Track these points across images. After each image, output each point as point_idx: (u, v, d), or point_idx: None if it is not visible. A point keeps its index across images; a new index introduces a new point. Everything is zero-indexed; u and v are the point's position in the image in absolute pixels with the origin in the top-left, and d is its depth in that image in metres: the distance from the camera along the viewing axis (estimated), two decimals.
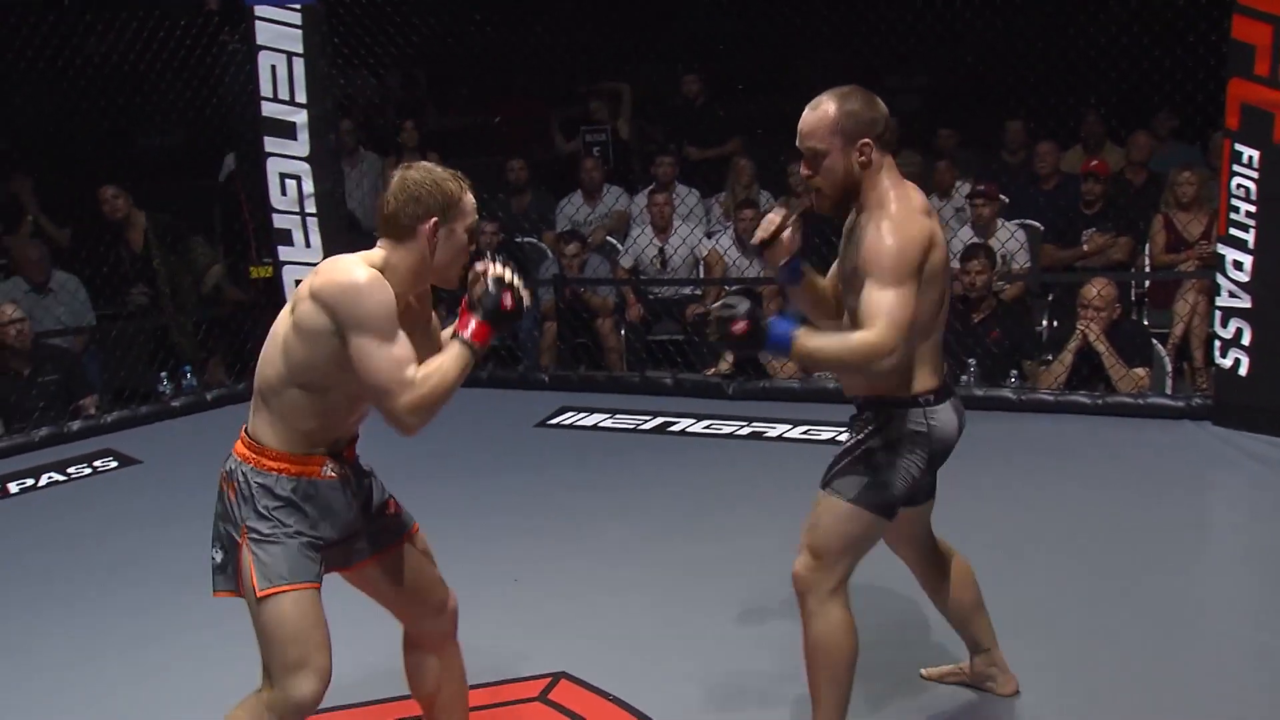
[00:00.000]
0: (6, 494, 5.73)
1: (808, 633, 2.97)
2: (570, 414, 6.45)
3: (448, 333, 2.82)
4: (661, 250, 7.52)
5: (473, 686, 3.59)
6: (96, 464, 6.08)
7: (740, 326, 2.74)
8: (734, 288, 2.91)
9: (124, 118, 7.38)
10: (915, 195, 2.92)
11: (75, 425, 6.48)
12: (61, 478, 5.91)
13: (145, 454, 6.18)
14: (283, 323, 2.73)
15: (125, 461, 6.11)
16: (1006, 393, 6.19)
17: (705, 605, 4.14)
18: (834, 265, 3.14)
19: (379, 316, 2.59)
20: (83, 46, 6.79)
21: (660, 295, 7.59)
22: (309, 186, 6.80)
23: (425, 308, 2.89)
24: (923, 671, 3.54)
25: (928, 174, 7.79)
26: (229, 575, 2.78)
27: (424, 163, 2.82)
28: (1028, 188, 7.53)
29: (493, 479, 5.51)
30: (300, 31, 6.66)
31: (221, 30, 6.86)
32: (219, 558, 2.81)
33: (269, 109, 6.74)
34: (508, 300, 2.71)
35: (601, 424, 6.29)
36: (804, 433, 5.92)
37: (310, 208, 6.83)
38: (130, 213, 7.20)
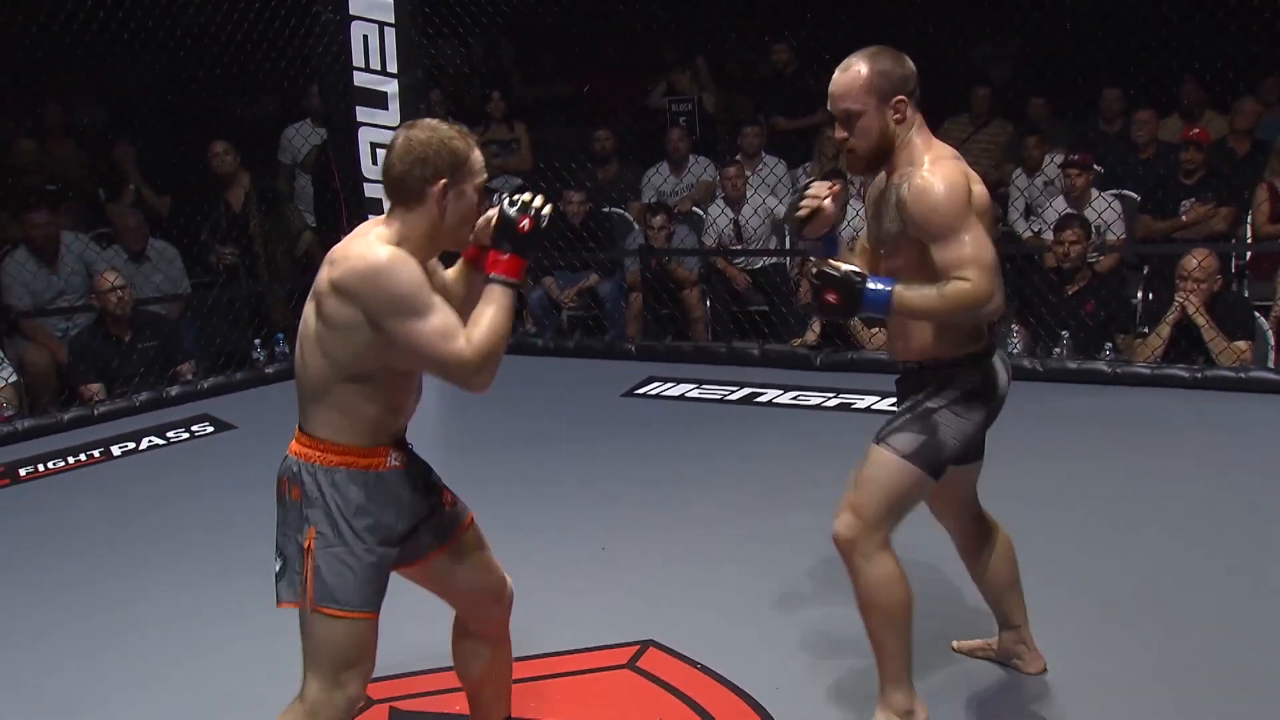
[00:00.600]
0: (110, 456, 5.82)
1: (860, 589, 2.95)
2: (657, 384, 6.41)
3: (452, 272, 2.76)
4: (735, 222, 7.44)
5: (561, 653, 3.61)
6: (194, 428, 6.16)
7: (832, 295, 2.74)
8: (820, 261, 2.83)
9: (221, 87, 7.44)
10: (944, 146, 2.88)
11: (173, 390, 6.57)
12: (161, 441, 5.99)
13: (240, 419, 6.24)
14: (310, 319, 2.57)
15: (221, 426, 6.18)
16: (1101, 365, 6.05)
17: (792, 575, 4.09)
18: (861, 234, 3.09)
19: (409, 294, 2.45)
20: (182, 17, 6.84)
21: (746, 267, 7.51)
22: None
23: (437, 269, 2.77)
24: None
25: (1017, 148, 7.63)
26: (291, 585, 2.61)
27: (429, 120, 2.66)
28: (1125, 157, 7.34)
29: (580, 447, 5.49)
30: (392, 1, 6.66)
31: (315, 1, 6.86)
32: (279, 566, 2.65)
33: (361, 79, 6.75)
34: (525, 222, 2.58)
35: (688, 394, 6.24)
36: (893, 404, 5.80)
37: None
38: (237, 171, 7.28)
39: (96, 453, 5.86)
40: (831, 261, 2.80)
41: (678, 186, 8.02)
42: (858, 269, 2.77)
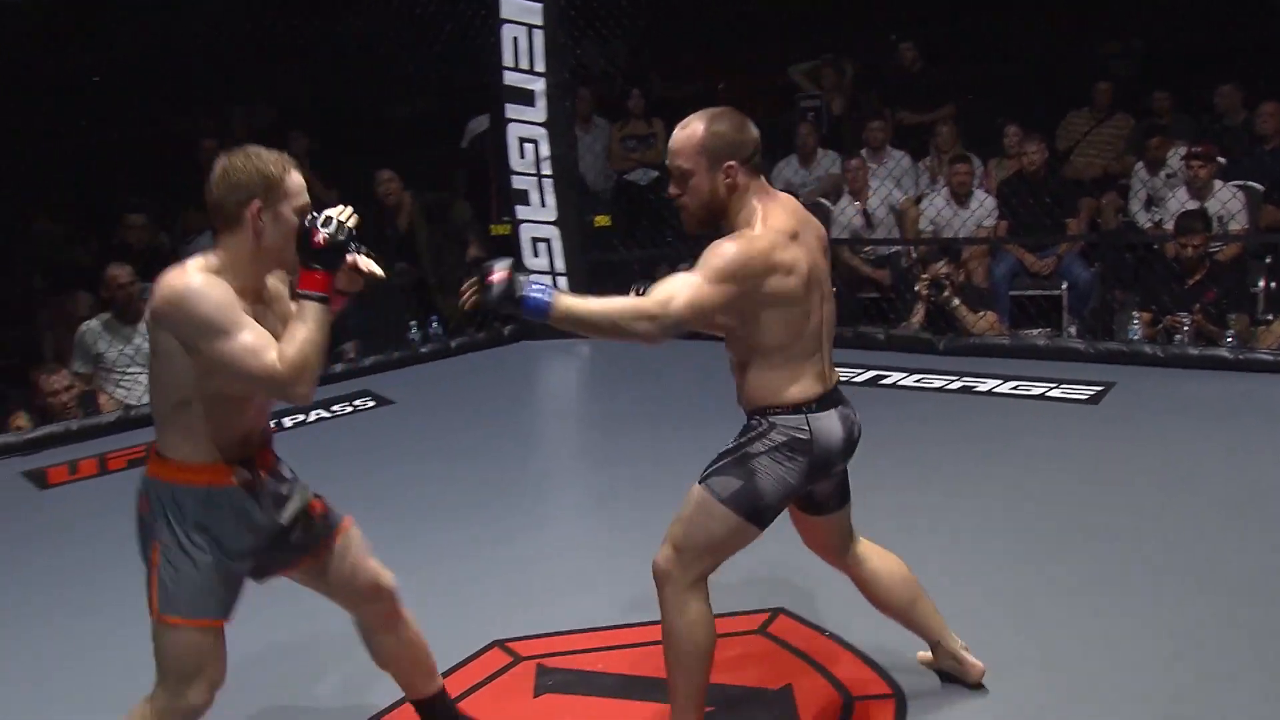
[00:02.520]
0: (281, 428, 5.99)
1: (664, 624, 2.81)
2: None
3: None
4: (863, 212, 7.38)
5: None
6: (356, 403, 6.32)
7: (498, 276, 2.61)
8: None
9: (379, 88, 7.59)
10: (780, 217, 2.70)
11: (338, 368, 6.74)
12: (327, 414, 6.16)
13: (398, 395, 6.38)
14: (149, 346, 2.58)
15: (381, 401, 6.32)
16: (1223, 352, 5.88)
17: (917, 551, 4.03)
18: None
19: (215, 315, 2.42)
20: (341, 20, 7.00)
21: (869, 255, 7.44)
22: (545, 150, 6.89)
23: (282, 295, 2.68)
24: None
25: (1139, 141, 7.43)
26: (147, 594, 2.56)
27: (249, 146, 2.60)
28: (1250, 149, 7.10)
29: (713, 427, 5.46)
30: (540, 5, 6.73)
31: (468, 5, 6.95)
32: (145, 575, 2.59)
33: (510, 78, 6.84)
34: (319, 236, 2.51)
35: None
36: (1014, 388, 5.74)
37: (546, 170, 6.92)
38: (401, 197, 7.42)
39: (271, 424, 6.02)
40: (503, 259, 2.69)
41: (807, 179, 7.98)
42: (517, 275, 2.62)
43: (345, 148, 7.75)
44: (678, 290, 2.60)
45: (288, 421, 6.04)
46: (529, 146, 6.88)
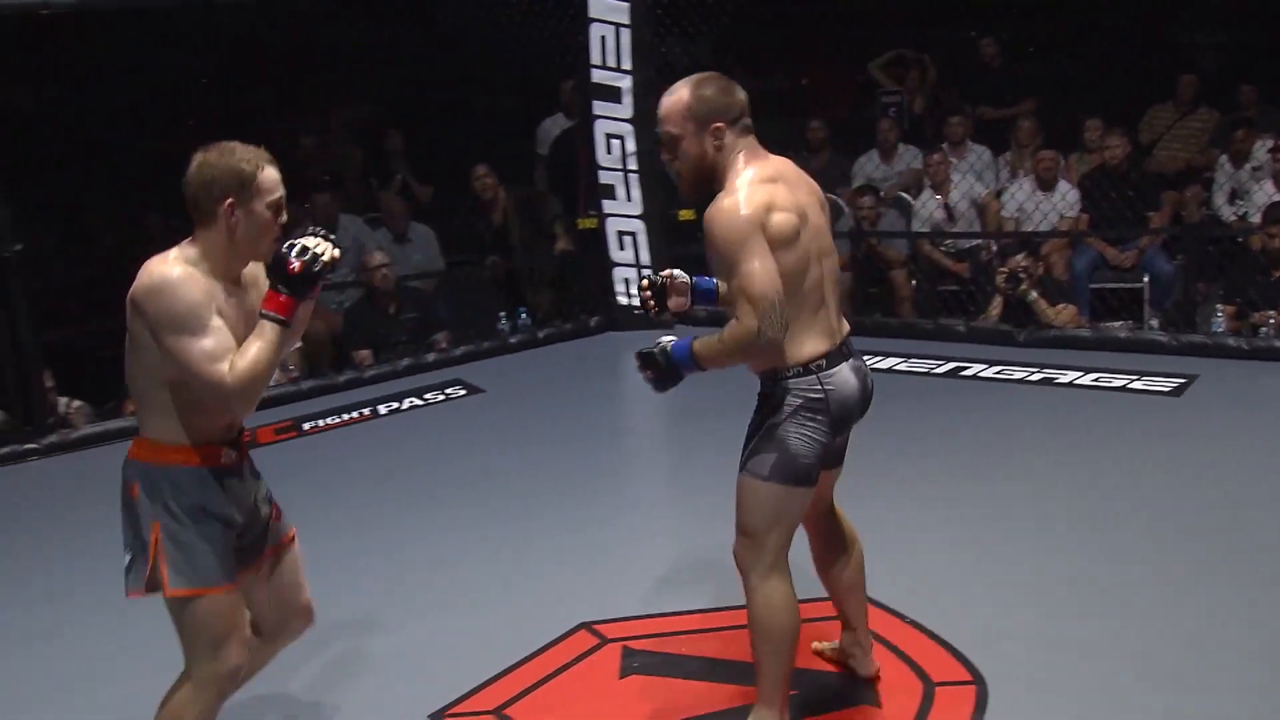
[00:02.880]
0: (376, 414, 6.09)
1: (750, 608, 2.81)
2: (866, 357, 6.27)
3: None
4: (945, 205, 7.30)
5: None
6: (448, 391, 6.38)
7: (649, 373, 2.77)
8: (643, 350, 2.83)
9: (472, 83, 7.65)
10: (763, 167, 2.70)
11: (430, 357, 6.81)
12: (420, 402, 6.23)
13: (488, 384, 6.44)
14: (128, 330, 2.58)
15: (472, 390, 6.38)
16: None
17: (996, 538, 4.02)
18: None
19: (185, 314, 2.44)
20: (436, 18, 7.05)
21: (950, 249, 7.36)
22: (631, 145, 6.91)
23: (258, 283, 2.66)
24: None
25: (1225, 139, 7.26)
26: (138, 576, 2.58)
27: (225, 143, 2.61)
28: None
29: None
30: (628, 4, 6.74)
31: (557, 4, 6.98)
32: (128, 559, 2.61)
33: (597, 75, 6.86)
34: (294, 264, 2.49)
35: (896, 367, 6.16)
36: (1095, 380, 5.65)
37: (632, 165, 6.94)
38: (496, 192, 7.48)
39: (366, 411, 6.13)
40: (659, 341, 2.78)
41: (888, 174, 7.91)
42: (665, 341, 2.76)
43: (438, 144, 7.83)
44: (739, 293, 2.59)
45: (382, 409, 6.12)
46: (615, 142, 6.90)
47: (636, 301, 2.97)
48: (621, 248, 7.06)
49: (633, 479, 5.11)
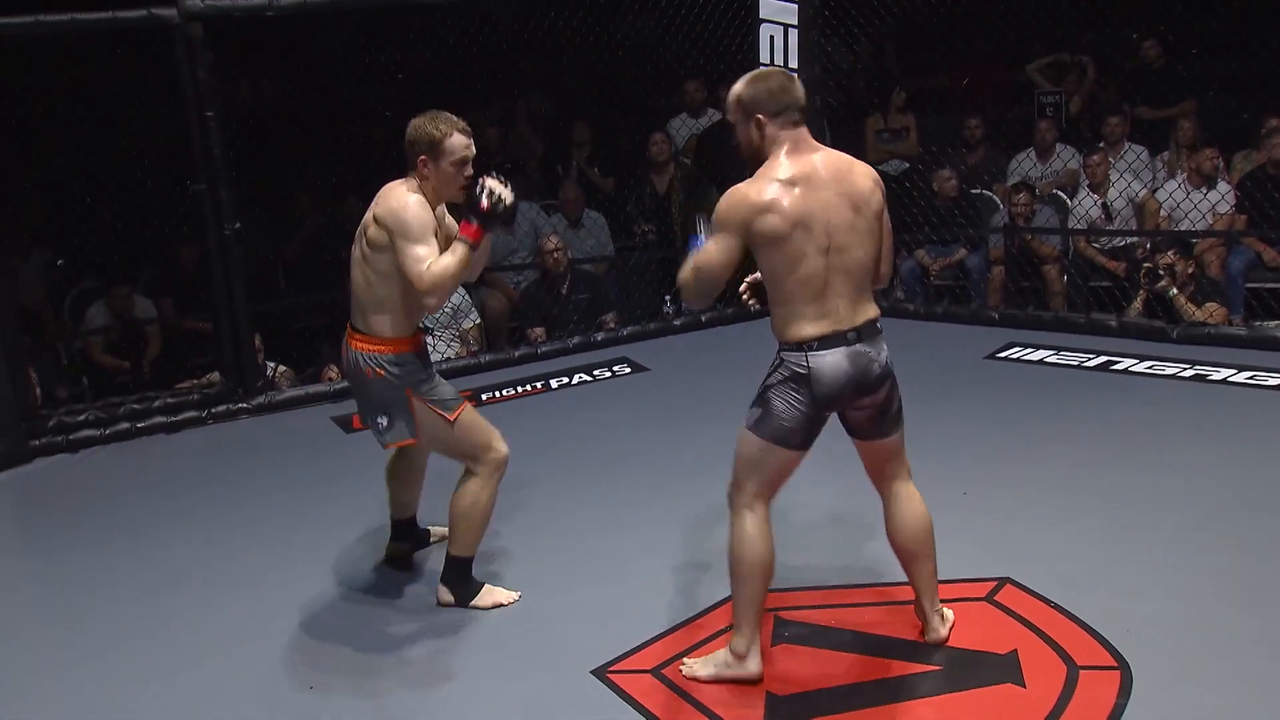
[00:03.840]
0: (549, 388, 6.17)
1: (728, 540, 3.07)
2: (1018, 349, 6.15)
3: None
4: (1102, 205, 7.02)
5: None
6: (615, 369, 6.42)
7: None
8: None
9: (647, 81, 7.67)
10: (786, 166, 2.88)
11: (599, 336, 6.87)
12: (589, 378, 6.28)
13: (653, 363, 6.46)
14: (358, 248, 3.44)
15: (637, 368, 6.42)
16: None
17: (1143, 529, 3.87)
18: None
19: (415, 226, 3.27)
20: (616, 18, 7.07)
21: (1104, 246, 7.09)
22: None
23: (446, 218, 3.56)
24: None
25: None
26: (401, 429, 3.49)
27: (433, 111, 3.40)
28: None
29: (946, 403, 5.35)
30: (796, 6, 6.66)
31: (730, 3, 6.92)
32: (384, 422, 3.49)
33: None
34: (484, 201, 3.25)
35: (1047, 359, 5.96)
36: (1249, 378, 5.37)
37: None
38: (668, 160, 7.51)
39: (539, 384, 6.22)
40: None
41: (1044, 173, 7.65)
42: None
43: (620, 136, 7.87)
44: (696, 256, 2.96)
45: (554, 384, 6.21)
46: None
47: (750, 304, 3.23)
48: None
49: None
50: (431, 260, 3.24)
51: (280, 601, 3.83)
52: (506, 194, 3.27)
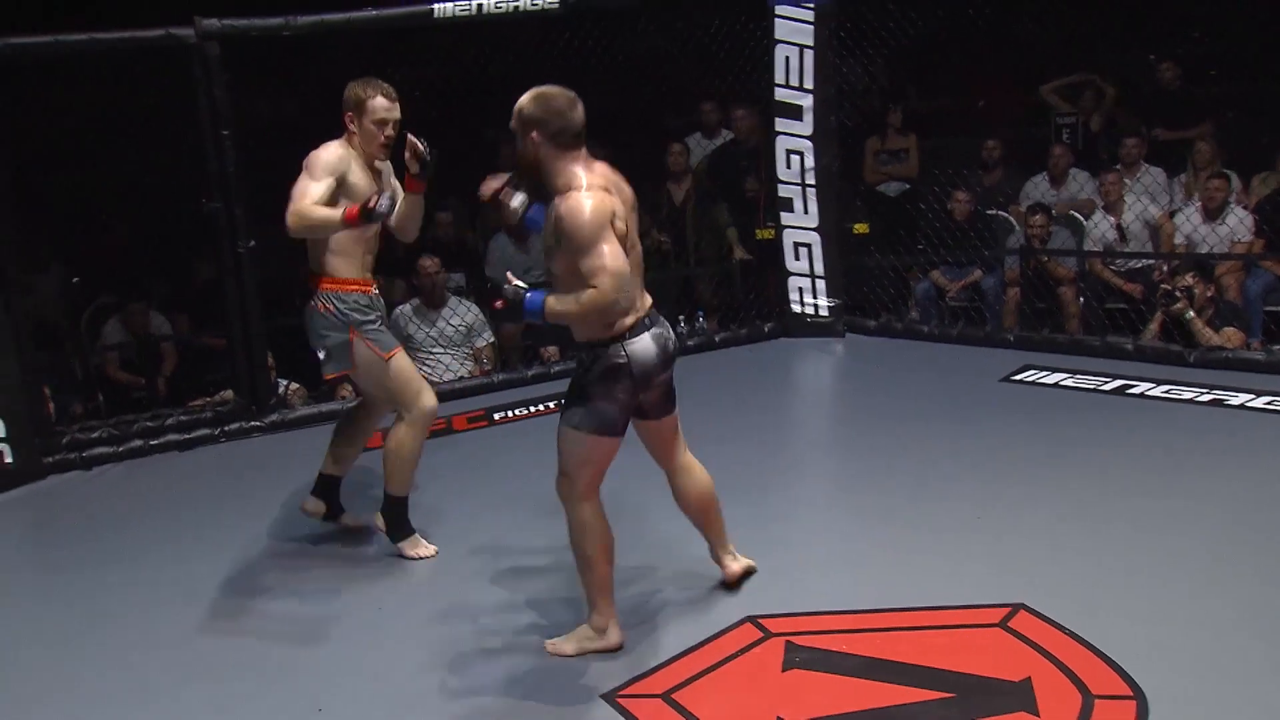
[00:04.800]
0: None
1: (568, 531, 3.35)
2: (1033, 371, 6.11)
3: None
4: (1117, 226, 6.99)
5: (936, 607, 3.53)
6: None
7: (499, 303, 3.15)
8: (503, 282, 3.23)
9: (662, 99, 7.68)
10: (595, 177, 3.15)
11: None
12: None
13: None
14: None
15: None
16: None
17: (1162, 556, 3.83)
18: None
19: (312, 167, 3.79)
20: (633, 38, 7.08)
21: (1120, 268, 7.06)
22: (810, 161, 6.81)
23: (385, 172, 4.04)
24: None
25: None
26: (339, 360, 3.98)
27: (367, 77, 3.93)
28: None
29: (960, 425, 5.32)
30: (812, 27, 6.66)
31: (746, 25, 6.92)
32: (323, 354, 3.99)
33: (780, 93, 6.79)
34: (369, 203, 3.62)
35: (1062, 382, 5.91)
36: (1268, 403, 5.31)
37: (810, 180, 6.84)
38: (686, 170, 7.50)
39: (552, 404, 6.19)
40: (509, 277, 3.20)
41: (1056, 199, 7.61)
42: (523, 285, 3.15)
43: (632, 154, 7.85)
44: (595, 265, 3.03)
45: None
46: (795, 157, 6.81)
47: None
48: (797, 258, 6.97)
49: (802, 479, 5.03)
50: (307, 200, 3.70)
51: (291, 621, 3.82)
52: (384, 202, 3.62)
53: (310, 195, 3.73)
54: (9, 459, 5.32)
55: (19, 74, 5.45)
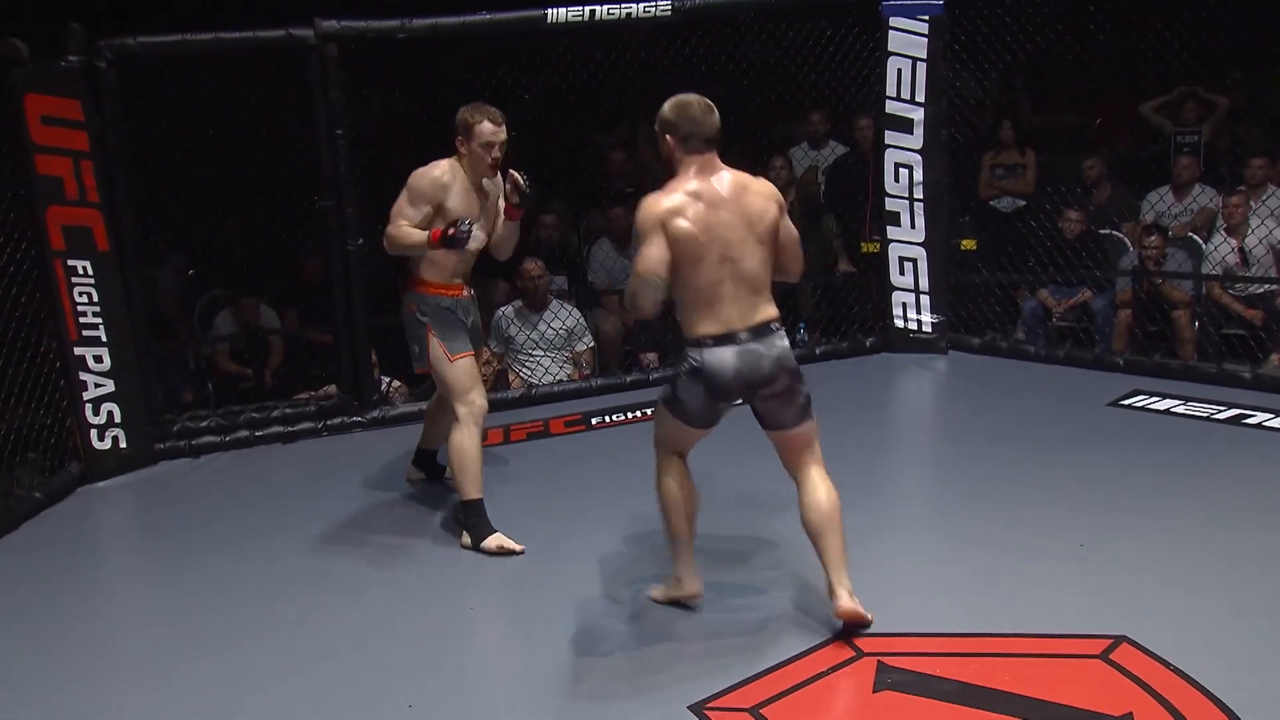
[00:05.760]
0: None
1: (655, 483, 3.66)
2: (1142, 397, 5.96)
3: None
4: (1240, 249, 6.78)
5: (1037, 635, 3.48)
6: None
7: None
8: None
9: (775, 109, 7.66)
10: (693, 183, 3.34)
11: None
12: None
13: None
14: None
15: None
16: None
17: (1268, 595, 3.71)
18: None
19: (409, 190, 4.22)
20: (742, 45, 7.08)
21: (1240, 293, 6.85)
22: (919, 175, 6.75)
23: (492, 191, 4.38)
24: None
25: None
26: (422, 357, 4.35)
27: (477, 102, 4.28)
28: None
29: (1066, 451, 5.21)
30: (925, 40, 6.59)
31: (859, 35, 6.88)
32: (416, 349, 4.38)
33: (891, 106, 6.73)
34: (449, 230, 4.06)
35: (1174, 409, 5.75)
36: None
37: (919, 194, 6.78)
38: (789, 182, 7.43)
39: (649, 410, 6.20)
40: None
41: (1179, 212, 7.43)
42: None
43: (738, 163, 7.84)
44: (634, 263, 3.37)
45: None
46: (904, 171, 6.75)
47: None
48: (902, 273, 6.90)
49: (899, 498, 4.99)
50: (402, 222, 4.16)
51: (384, 615, 3.91)
52: (476, 239, 4.22)
53: (405, 217, 4.18)
54: (124, 444, 5.54)
55: (147, 72, 5.64)
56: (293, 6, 5.84)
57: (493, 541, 4.28)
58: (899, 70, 6.66)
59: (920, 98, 6.65)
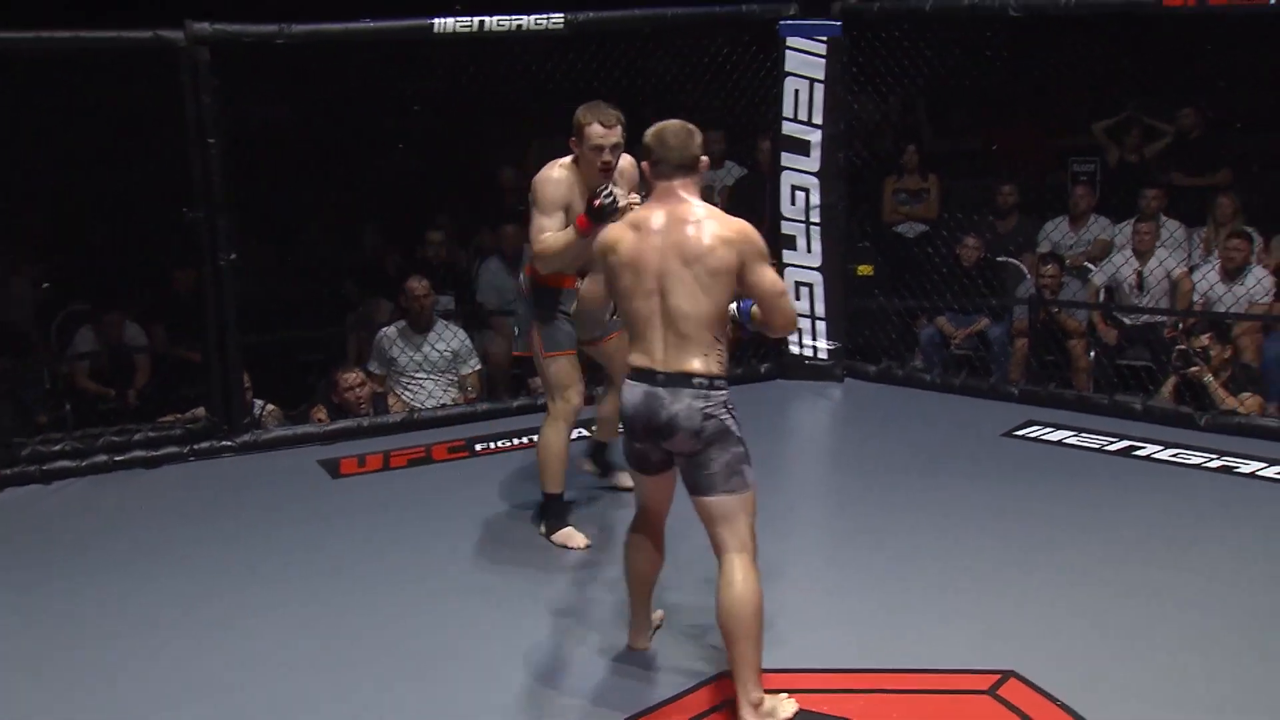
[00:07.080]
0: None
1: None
2: (1036, 428, 6.10)
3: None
4: (1139, 273, 7.01)
5: (924, 670, 3.51)
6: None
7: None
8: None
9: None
10: (644, 213, 3.32)
11: (601, 389, 6.77)
12: (586, 434, 6.08)
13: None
14: None
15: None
16: None
17: (1156, 629, 3.81)
18: None
19: (540, 200, 4.22)
20: (638, 61, 7.12)
21: (1134, 322, 7.08)
22: (816, 198, 6.82)
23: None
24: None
25: None
26: (520, 341, 4.56)
27: (595, 101, 4.20)
28: None
29: (957, 480, 5.31)
30: (824, 61, 6.68)
31: (756, 55, 6.95)
32: (518, 331, 4.58)
33: (788, 128, 6.80)
34: (595, 201, 3.91)
35: (1066, 440, 5.90)
36: (1277, 471, 5.31)
37: (815, 218, 6.85)
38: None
39: (535, 437, 6.17)
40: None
41: (1075, 242, 7.65)
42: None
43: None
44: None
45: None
46: (800, 194, 6.82)
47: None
48: (798, 298, 6.97)
49: (790, 529, 4.98)
50: (546, 237, 4.15)
51: (252, 650, 3.80)
52: (621, 196, 3.91)
53: (546, 230, 4.19)
54: None
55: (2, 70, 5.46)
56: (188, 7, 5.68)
57: (561, 536, 4.56)
58: (796, 91, 6.73)
59: (818, 119, 6.73)
